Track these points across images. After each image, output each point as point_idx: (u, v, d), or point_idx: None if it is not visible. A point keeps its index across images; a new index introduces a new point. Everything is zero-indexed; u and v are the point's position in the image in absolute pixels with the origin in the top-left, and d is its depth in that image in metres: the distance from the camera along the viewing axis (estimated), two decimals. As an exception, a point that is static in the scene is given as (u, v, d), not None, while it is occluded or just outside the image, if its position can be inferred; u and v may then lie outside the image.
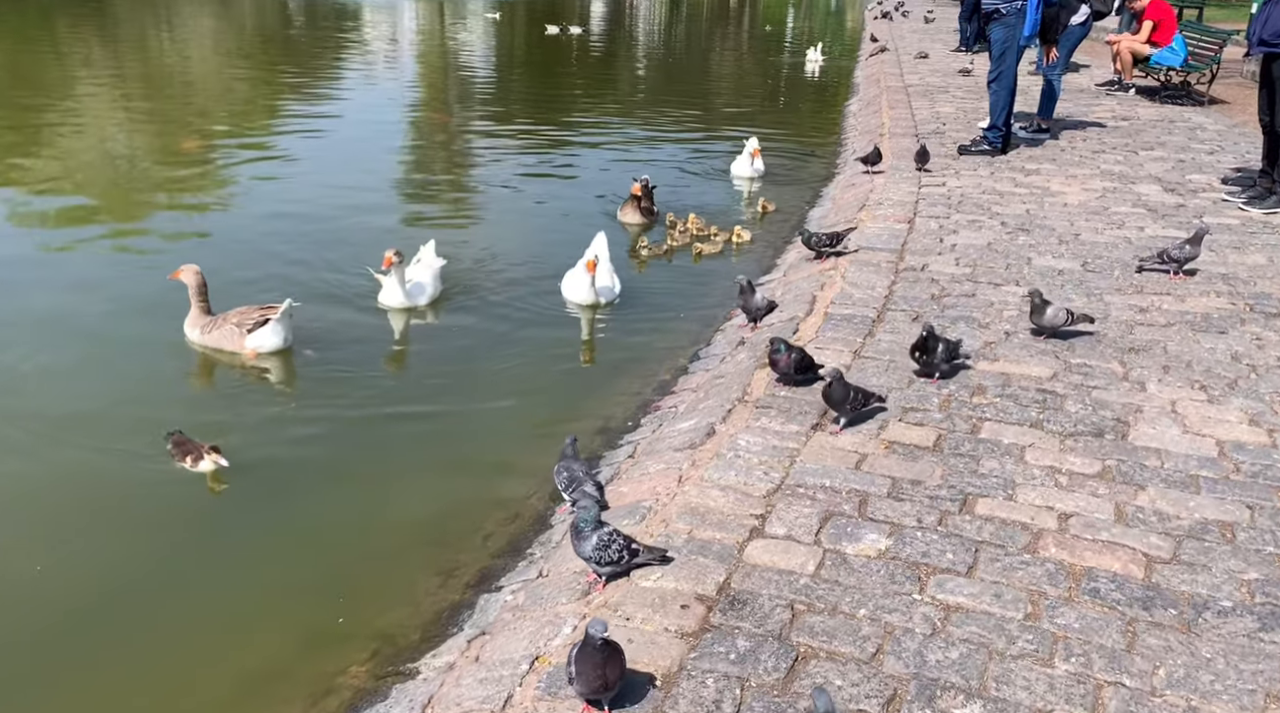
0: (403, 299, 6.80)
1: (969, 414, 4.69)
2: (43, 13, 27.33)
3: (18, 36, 22.74)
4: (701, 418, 4.80)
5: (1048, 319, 5.54)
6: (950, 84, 15.90)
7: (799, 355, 4.91)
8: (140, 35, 24.40)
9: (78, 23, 25.32)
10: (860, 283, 6.57)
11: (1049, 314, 5.53)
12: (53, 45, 21.31)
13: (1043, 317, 5.54)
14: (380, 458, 4.99)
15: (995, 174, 9.76)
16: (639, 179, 9.23)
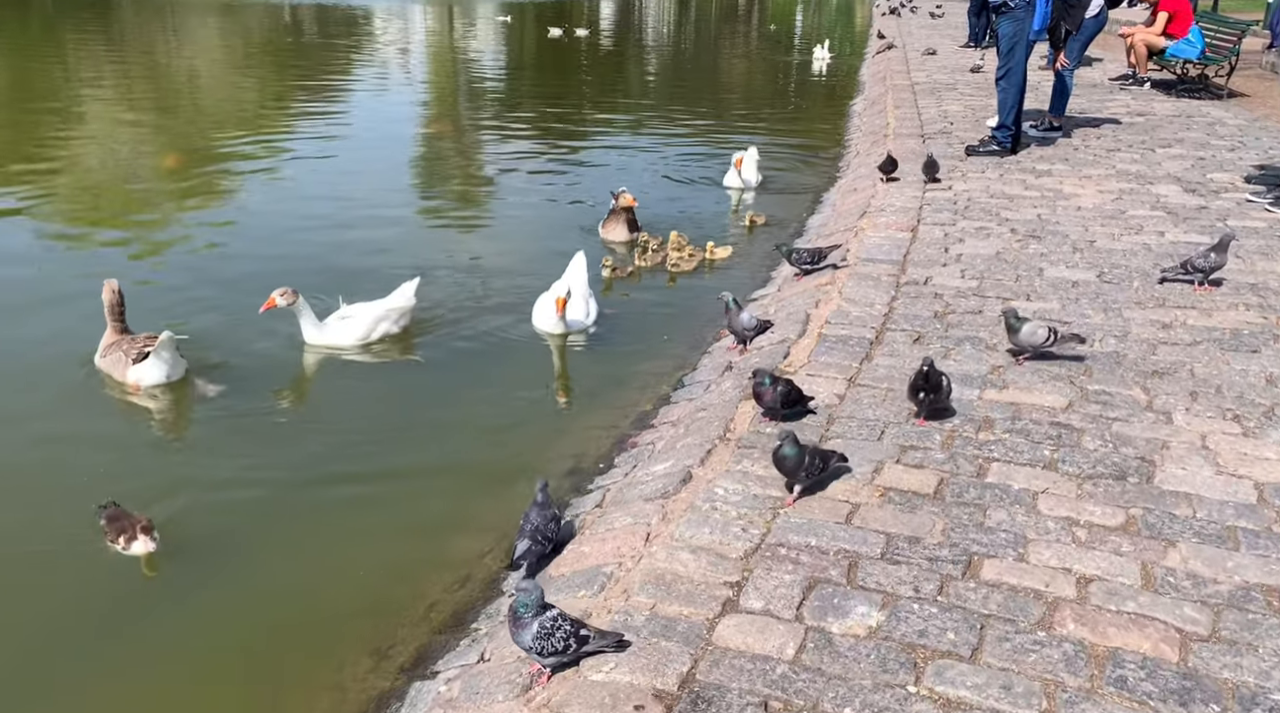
0: (314, 338, 6.13)
1: (974, 453, 4.21)
2: (46, 24, 27.08)
3: (21, 47, 22.45)
4: (678, 460, 4.33)
5: (1024, 338, 5.05)
6: (958, 81, 15.39)
7: (785, 388, 4.44)
8: (148, 43, 24.10)
9: (83, 33, 25.04)
10: (858, 299, 6.09)
11: (1025, 333, 5.04)
12: (59, 57, 21.01)
13: (1019, 336, 5.06)
14: (317, 518, 4.47)
15: (1004, 176, 9.26)
16: (618, 192, 8.58)
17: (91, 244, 8.60)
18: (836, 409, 4.64)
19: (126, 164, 11.57)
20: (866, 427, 4.46)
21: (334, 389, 5.93)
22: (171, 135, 13.00)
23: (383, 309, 6.28)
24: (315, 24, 29.41)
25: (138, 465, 4.86)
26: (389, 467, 4.88)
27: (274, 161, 11.47)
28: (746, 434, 4.44)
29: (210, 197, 10.18)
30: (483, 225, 9.29)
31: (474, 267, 7.83)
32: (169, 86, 17.62)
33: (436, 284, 7.22)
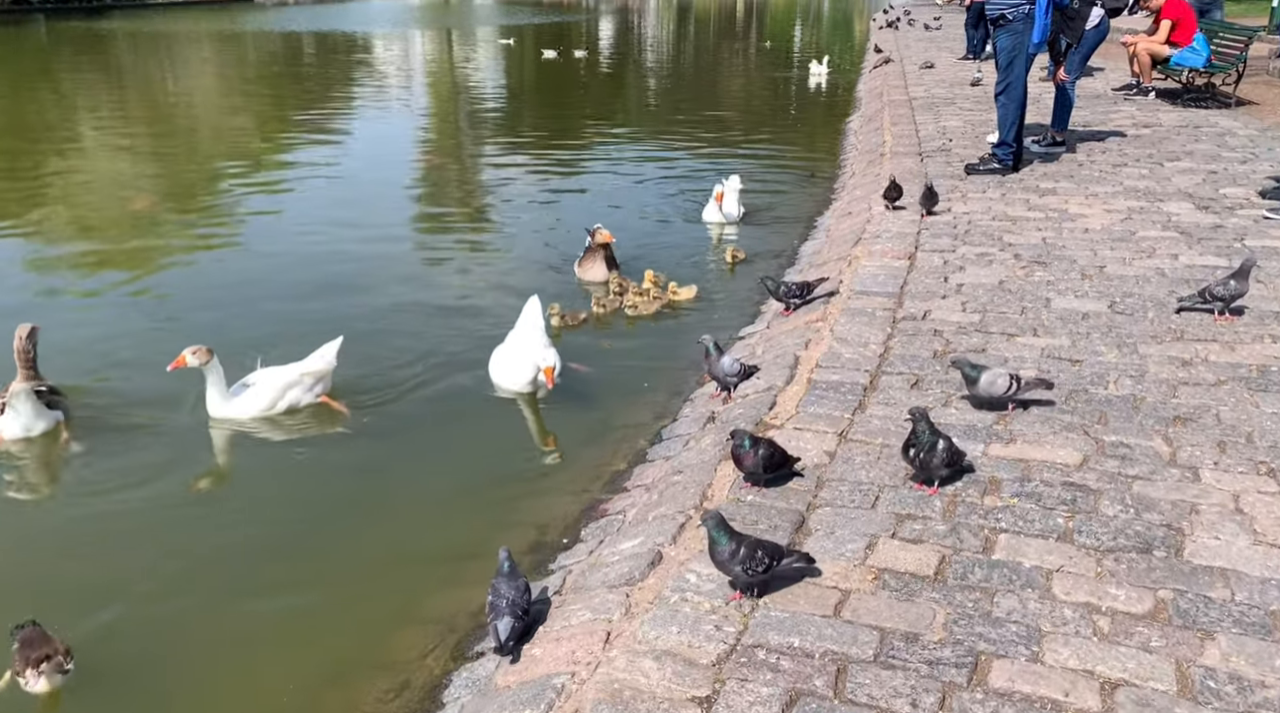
0: (218, 408, 5.46)
1: (979, 523, 3.75)
2: (40, 55, 26.89)
3: (15, 78, 22.21)
4: (648, 536, 3.88)
5: (983, 388, 4.60)
6: (957, 95, 14.97)
7: (768, 451, 3.99)
8: (143, 73, 23.86)
9: (77, 63, 24.84)
10: (851, 338, 5.64)
11: (984, 383, 4.58)
12: (53, 87, 20.80)
13: (977, 387, 4.61)
14: (234, 623, 3.91)
15: (1007, 196, 8.82)
16: (594, 229, 7.91)
17: (62, 279, 8.42)
18: (826, 470, 4.19)
19: (117, 196, 11.36)
20: (859, 492, 4.01)
21: (257, 461, 5.32)
22: (166, 166, 12.82)
23: (295, 374, 5.57)
24: (314, 50, 29.24)
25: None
26: (319, 555, 4.36)
27: (261, 197, 11.20)
28: (725, 503, 3.98)
29: (196, 233, 9.90)
30: (455, 261, 8.70)
31: (434, 310, 7.27)
32: (165, 116, 17.41)
33: (387, 332, 6.78)
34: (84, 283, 8.27)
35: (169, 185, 11.98)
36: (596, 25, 41.58)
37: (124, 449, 5.32)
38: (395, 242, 8.98)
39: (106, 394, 5.99)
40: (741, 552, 3.21)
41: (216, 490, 5.04)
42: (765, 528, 3.77)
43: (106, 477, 5.03)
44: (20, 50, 27.39)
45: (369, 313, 7.12)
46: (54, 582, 4.21)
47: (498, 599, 3.41)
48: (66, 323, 6.94)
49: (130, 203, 9.88)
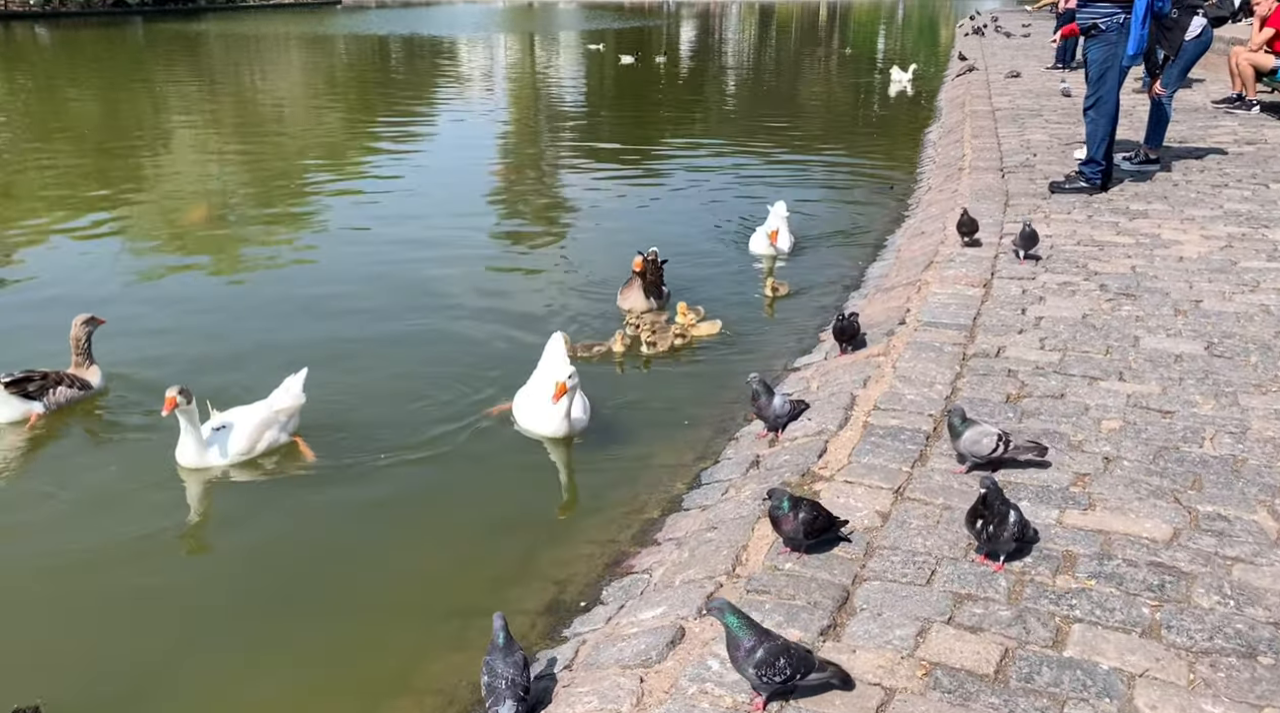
0: (194, 457, 4.91)
1: (1050, 609, 3.27)
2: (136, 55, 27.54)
3: (112, 77, 22.73)
4: (672, 605, 3.48)
5: (965, 446, 4.11)
6: (1043, 107, 14.26)
7: (809, 514, 3.55)
8: (235, 73, 24.25)
9: (171, 64, 25.35)
10: (915, 376, 5.17)
11: (966, 441, 4.09)
12: (148, 87, 21.24)
13: (960, 442, 4.12)
14: (210, 688, 3.56)
15: (1093, 218, 8.21)
16: (644, 253, 7.35)
17: (153, 271, 8.56)
18: (877, 535, 3.74)
19: (206, 193, 11.53)
20: (913, 564, 3.55)
21: (242, 501, 4.86)
22: (249, 169, 12.86)
23: (268, 411, 5.06)
24: (400, 54, 29.47)
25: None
26: (307, 609, 3.98)
27: (336, 205, 11.07)
28: (760, 571, 3.57)
29: (279, 233, 9.97)
30: (510, 282, 8.17)
31: (473, 336, 6.82)
32: (252, 118, 17.58)
33: (421, 358, 6.44)
34: (148, 282, 8.24)
35: (250, 188, 12.02)
36: (677, 30, 41.26)
37: (100, 459, 5.24)
38: (453, 262, 8.38)
39: (128, 391, 5.93)
40: (759, 654, 2.78)
41: (197, 535, 4.66)
42: (803, 603, 3.34)
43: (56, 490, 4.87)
44: (118, 50, 28.08)
45: (408, 335, 6.78)
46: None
47: (495, 680, 3.05)
48: (119, 318, 6.74)
49: (187, 214, 9.77)
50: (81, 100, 19.43)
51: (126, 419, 5.66)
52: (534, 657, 3.53)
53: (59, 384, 5.58)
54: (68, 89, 21.05)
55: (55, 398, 5.54)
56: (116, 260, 8.85)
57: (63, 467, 5.18)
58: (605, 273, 8.12)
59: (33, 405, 5.46)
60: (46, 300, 7.64)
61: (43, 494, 4.87)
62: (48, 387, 5.53)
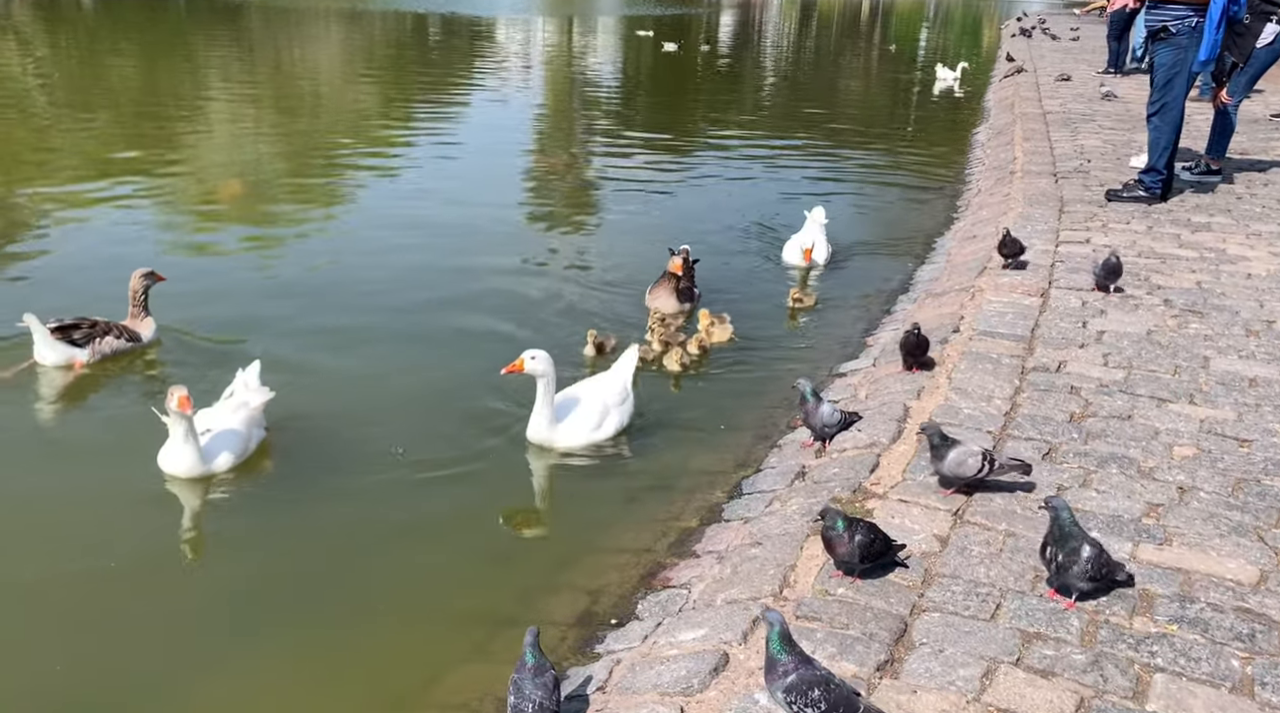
0: (192, 465, 4.44)
1: (1128, 655, 3.00)
2: (178, 28, 27.49)
3: (153, 49, 22.66)
4: (714, 628, 3.23)
5: (949, 467, 3.83)
6: (1096, 111, 13.86)
7: (866, 537, 3.30)
8: (274, 48, 24.13)
9: (212, 37, 25.28)
10: (972, 389, 4.89)
11: (951, 461, 3.82)
12: (188, 59, 21.17)
13: (943, 464, 3.85)
14: (227, 698, 3.35)
15: (1154, 230, 7.87)
16: (678, 251, 7.04)
17: (184, 238, 8.53)
18: (935, 562, 3.48)
19: (242, 165, 11.45)
20: (976, 595, 3.29)
21: (258, 497, 4.55)
22: (284, 143, 12.68)
23: (250, 410, 4.67)
24: (438, 32, 29.26)
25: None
26: (328, 611, 3.75)
27: (368, 183, 10.93)
28: (810, 595, 3.31)
29: (311, 204, 9.91)
30: (537, 274, 7.73)
31: (502, 331, 6.44)
32: (289, 93, 17.42)
33: (448, 351, 6.19)
34: (177, 252, 8.07)
35: (284, 163, 11.84)
36: (717, 19, 40.82)
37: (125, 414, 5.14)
38: (481, 248, 8.12)
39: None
40: (791, 678, 2.54)
41: (207, 539, 4.36)
42: (857, 634, 3.09)
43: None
44: (160, 22, 28.01)
45: (429, 327, 6.52)
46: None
47: (522, 702, 2.81)
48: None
49: (221, 189, 9.58)
50: (122, 68, 19.35)
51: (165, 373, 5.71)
52: (564, 673, 3.30)
53: (106, 334, 5.68)
54: (109, 57, 20.98)
55: (100, 347, 5.63)
56: (150, 228, 8.75)
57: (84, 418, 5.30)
58: (632, 268, 7.77)
59: (77, 352, 5.55)
60: (74, 264, 7.54)
61: (52, 443, 4.93)
62: (95, 336, 5.63)
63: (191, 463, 4.44)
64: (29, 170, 10.54)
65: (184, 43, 24.73)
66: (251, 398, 4.76)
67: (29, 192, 9.61)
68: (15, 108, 14.11)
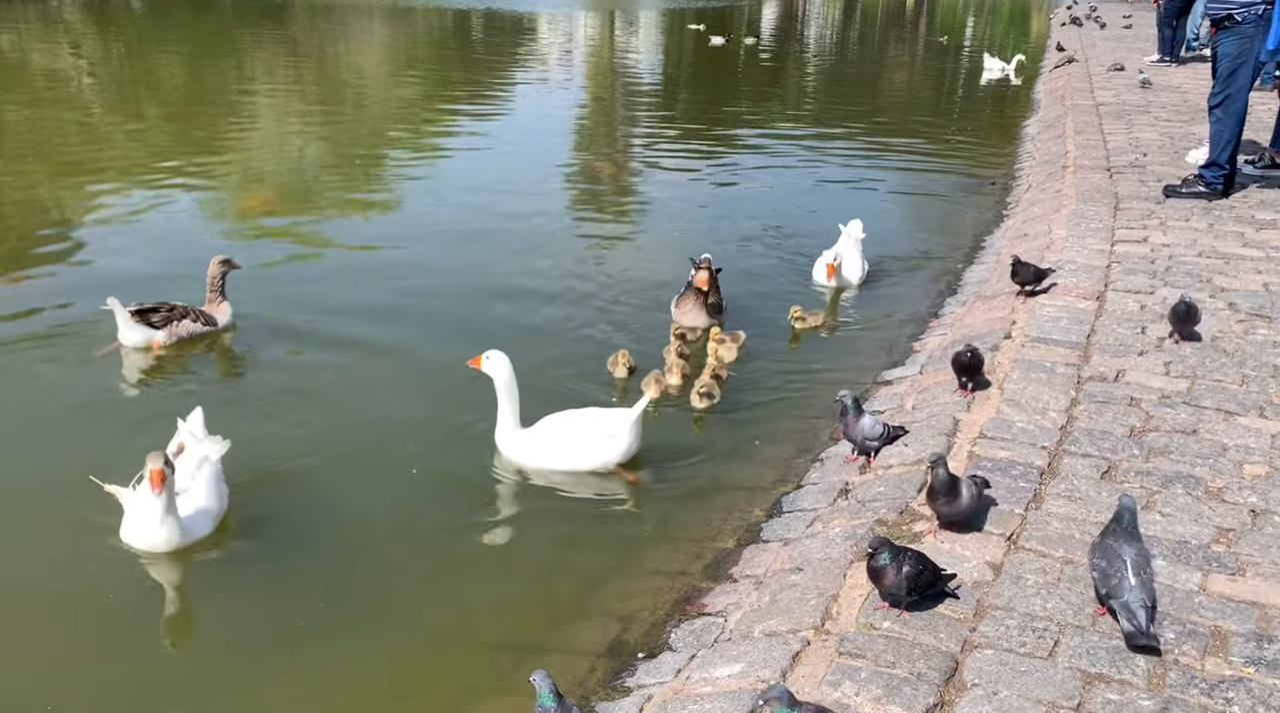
0: (168, 537, 3.88)
1: (1202, 702, 2.77)
2: (224, 25, 27.72)
3: (200, 46, 22.87)
4: (751, 664, 3.04)
5: (956, 508, 3.52)
6: (1150, 103, 13.41)
7: (914, 569, 3.09)
8: (319, 45, 24.23)
9: (258, 34, 25.48)
10: (1026, 401, 4.65)
11: (965, 500, 3.50)
12: (234, 56, 21.35)
13: (951, 503, 3.52)
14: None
15: (1215, 227, 7.53)
16: (700, 260, 6.48)
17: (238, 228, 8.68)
18: (989, 592, 3.27)
19: (288, 159, 11.59)
20: (1032, 630, 3.07)
21: (277, 506, 4.38)
22: (327, 144, 12.62)
23: (210, 467, 4.09)
24: (482, 28, 29.23)
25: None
26: (342, 640, 3.58)
27: (408, 180, 10.89)
28: (854, 630, 3.11)
29: (358, 196, 10.04)
30: (568, 279, 7.44)
31: (532, 331, 6.36)
32: (334, 90, 17.43)
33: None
34: (231, 239, 8.23)
35: (327, 159, 11.81)
36: (759, 11, 40.40)
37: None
38: (512, 255, 7.95)
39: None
40: None
41: (222, 545, 4.16)
42: (904, 674, 2.88)
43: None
44: (207, 19, 28.27)
45: (458, 332, 6.28)
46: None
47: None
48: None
49: (245, 201, 9.49)
50: (170, 66, 19.50)
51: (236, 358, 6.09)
52: (593, 709, 3.13)
53: (184, 318, 6.01)
54: (157, 56, 21.15)
55: (177, 330, 5.96)
56: (202, 219, 8.97)
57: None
58: (661, 274, 7.47)
59: (155, 334, 5.87)
60: (129, 255, 7.77)
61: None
62: (172, 319, 5.96)
63: (164, 536, 3.88)
64: (82, 166, 10.64)
65: (230, 41, 24.92)
66: (210, 451, 4.16)
67: (83, 186, 9.74)
68: (67, 104, 14.25)
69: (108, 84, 16.83)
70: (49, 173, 10.45)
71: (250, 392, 5.60)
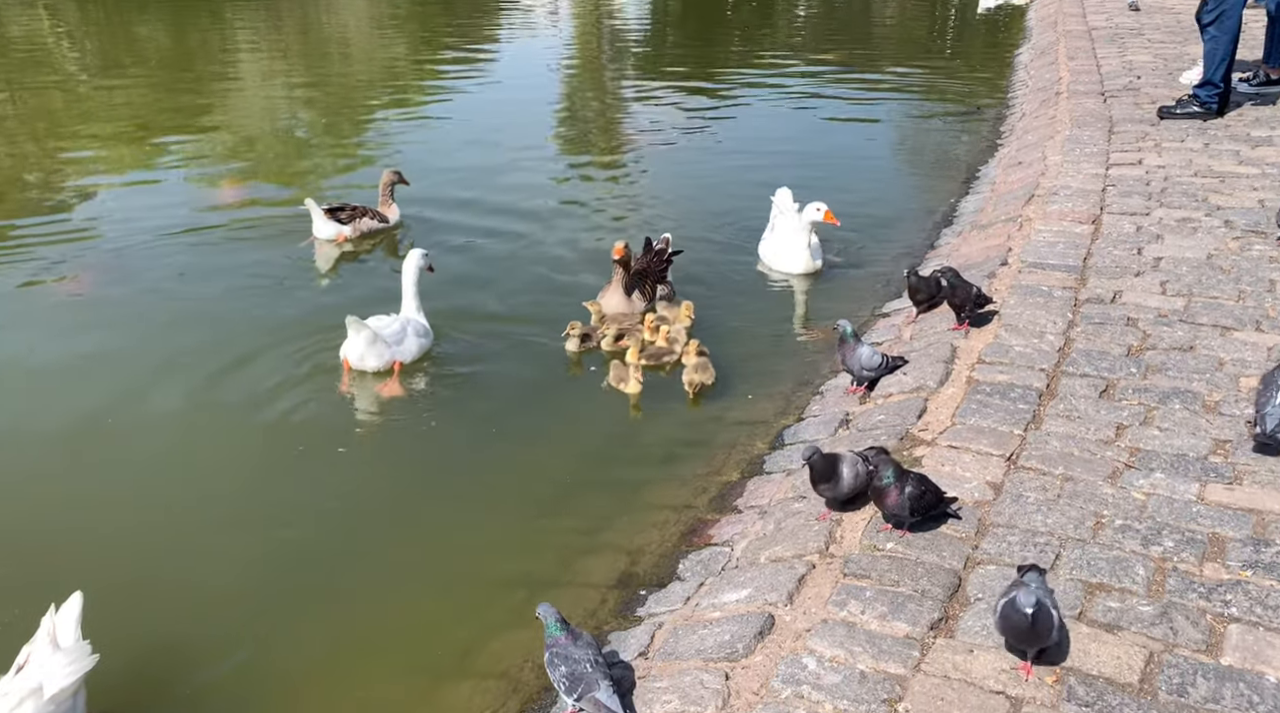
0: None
1: (1199, 605, 2.84)
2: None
3: (180, 7, 22.54)
4: (759, 587, 3.11)
5: (839, 490, 3.35)
6: (1144, 25, 13.25)
7: (916, 489, 3.14)
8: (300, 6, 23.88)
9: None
10: (1023, 325, 4.68)
11: (846, 481, 3.31)
12: (216, 17, 21.02)
13: (834, 486, 3.34)
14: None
15: (1211, 147, 7.49)
16: (658, 241, 5.99)
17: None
18: (990, 511, 3.32)
19: (276, 123, 11.46)
20: (1034, 545, 3.13)
21: (281, 446, 4.53)
22: (312, 106, 12.42)
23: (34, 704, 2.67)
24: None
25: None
26: (356, 573, 3.70)
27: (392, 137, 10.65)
28: (858, 551, 3.17)
29: (346, 154, 10.01)
30: (553, 229, 7.36)
31: (534, 281, 6.36)
32: (317, 50, 17.19)
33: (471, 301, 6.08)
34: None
35: (313, 120, 11.65)
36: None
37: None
38: (499, 210, 7.80)
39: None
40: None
41: (240, 481, 4.35)
42: (909, 592, 2.95)
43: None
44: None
45: (453, 280, 6.29)
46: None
47: (575, 665, 2.70)
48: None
49: (218, 195, 9.25)
50: (151, 32, 19.24)
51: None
52: (605, 638, 3.22)
53: (364, 216, 7.16)
54: (138, 25, 20.84)
55: (359, 225, 7.12)
56: (182, 188, 8.78)
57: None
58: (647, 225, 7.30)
59: (342, 228, 7.05)
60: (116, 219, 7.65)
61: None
62: (356, 216, 7.12)
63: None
64: (69, 134, 10.53)
65: (210, 3, 24.53)
66: (52, 678, 2.75)
67: (68, 154, 9.68)
68: (50, 71, 14.07)
69: (89, 52, 16.62)
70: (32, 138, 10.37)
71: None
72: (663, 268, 5.91)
